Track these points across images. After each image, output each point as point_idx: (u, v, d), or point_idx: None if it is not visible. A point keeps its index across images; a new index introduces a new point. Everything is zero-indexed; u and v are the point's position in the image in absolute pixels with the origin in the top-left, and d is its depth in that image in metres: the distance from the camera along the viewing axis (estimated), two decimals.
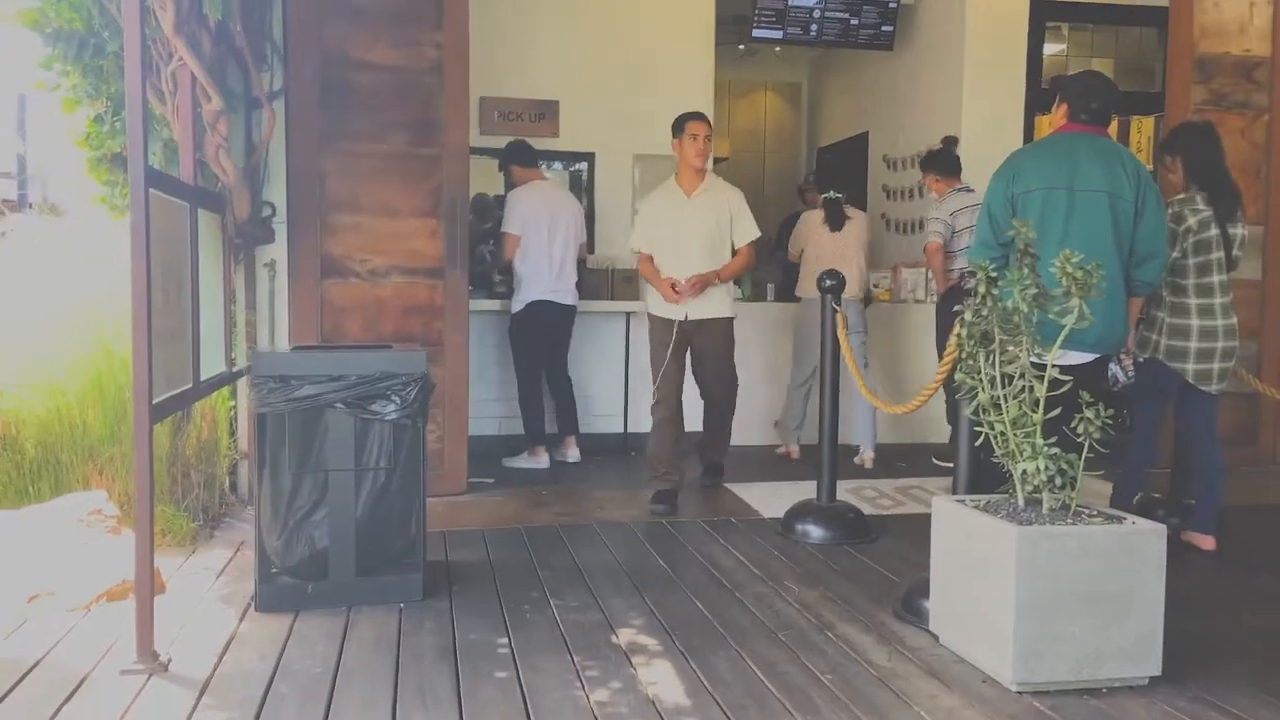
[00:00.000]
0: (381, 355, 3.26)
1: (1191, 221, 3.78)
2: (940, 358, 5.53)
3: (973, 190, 5.47)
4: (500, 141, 6.12)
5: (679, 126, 4.57)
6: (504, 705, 2.46)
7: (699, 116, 4.58)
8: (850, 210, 5.70)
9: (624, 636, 2.95)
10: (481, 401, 5.61)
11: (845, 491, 4.64)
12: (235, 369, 4.08)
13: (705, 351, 4.70)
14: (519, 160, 5.53)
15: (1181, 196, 3.91)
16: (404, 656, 2.76)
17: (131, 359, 2.70)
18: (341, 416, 3.12)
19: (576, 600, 3.28)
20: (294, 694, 2.53)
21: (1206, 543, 3.91)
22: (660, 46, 6.26)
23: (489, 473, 5.12)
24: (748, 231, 4.66)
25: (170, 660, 2.70)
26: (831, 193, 5.66)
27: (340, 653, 2.79)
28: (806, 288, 5.70)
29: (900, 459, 5.77)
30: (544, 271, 5.37)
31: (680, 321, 4.58)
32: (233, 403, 4.37)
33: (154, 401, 2.74)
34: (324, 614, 3.08)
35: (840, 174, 5.89)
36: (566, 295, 5.46)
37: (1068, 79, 3.57)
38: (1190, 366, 3.78)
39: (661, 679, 2.64)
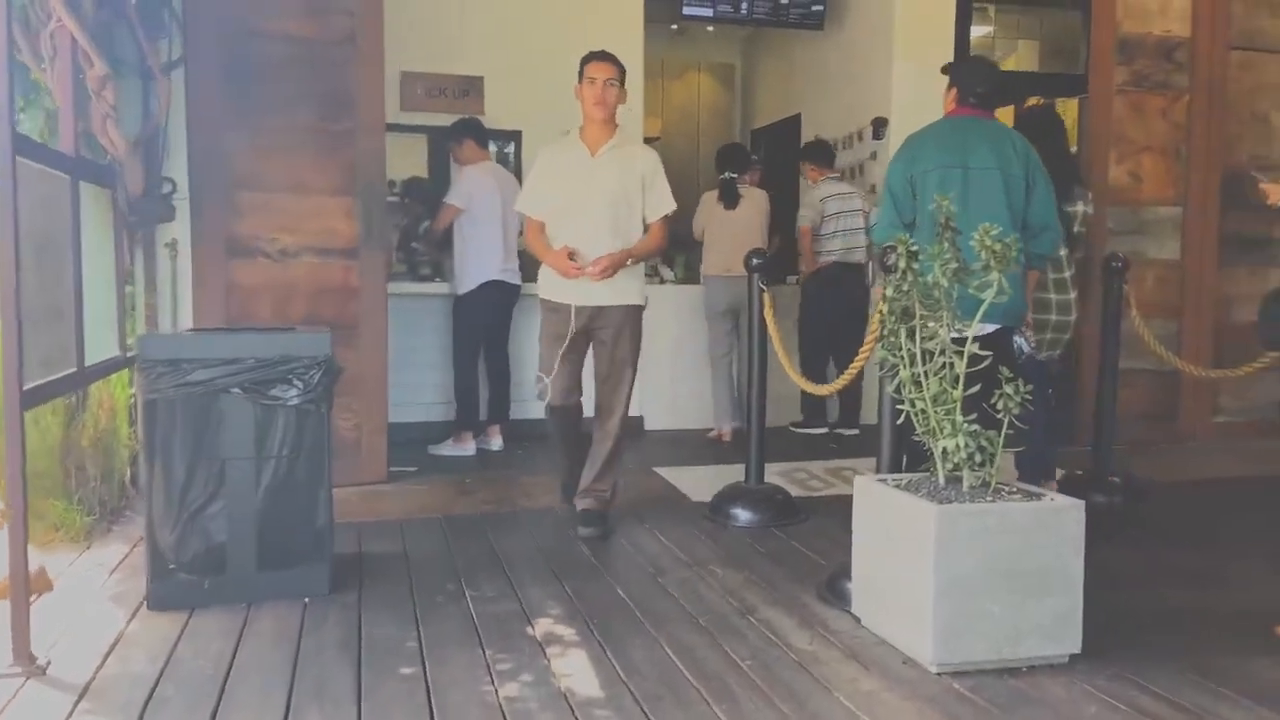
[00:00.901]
0: (282, 337, 3.09)
1: None
2: (800, 337, 5.75)
3: (842, 180, 6.04)
4: (423, 119, 5.95)
5: (580, 69, 3.80)
6: (406, 703, 2.33)
7: (601, 56, 3.76)
8: (745, 189, 5.79)
9: (540, 627, 2.84)
10: (409, 387, 5.45)
11: (775, 474, 4.59)
12: (131, 354, 3.86)
13: (604, 348, 3.81)
14: (476, 136, 5.38)
15: None
16: (304, 654, 2.62)
17: (1, 344, 2.50)
18: (239, 402, 2.95)
19: (494, 591, 3.15)
20: (180, 696, 2.37)
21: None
22: (588, 22, 6.10)
23: (415, 461, 4.96)
24: (663, 203, 3.82)
25: (49, 663, 2.52)
26: (728, 173, 5.76)
27: (235, 651, 2.63)
28: (708, 266, 5.83)
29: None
30: (497, 252, 5.25)
31: (577, 308, 3.74)
32: (133, 391, 4.14)
33: (26, 387, 2.55)
34: (222, 611, 2.91)
35: (739, 155, 6.02)
36: (515, 275, 5.36)
37: (957, 65, 3.78)
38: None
39: (576, 670, 2.53)
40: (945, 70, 3.72)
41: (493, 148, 5.84)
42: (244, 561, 2.98)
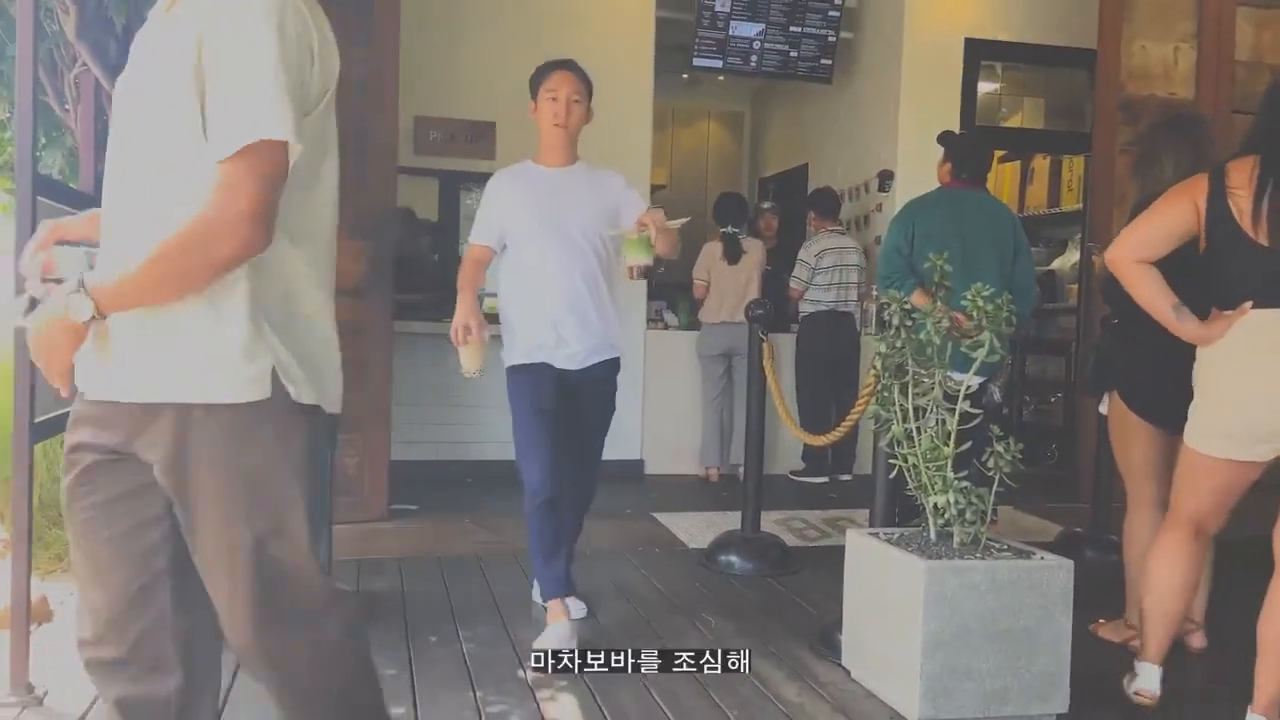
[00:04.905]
0: None
1: None
2: (798, 384, 5.99)
3: (845, 234, 6.30)
4: (437, 163, 6.05)
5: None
6: None
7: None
8: (746, 243, 6.10)
9: (531, 671, 2.86)
10: (413, 425, 5.49)
11: (772, 522, 4.61)
12: None
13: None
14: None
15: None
16: None
17: (14, 374, 2.57)
18: None
19: (487, 633, 3.18)
20: None
21: None
22: (599, 70, 6.17)
23: (414, 499, 4.99)
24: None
25: (46, 693, 2.56)
26: (730, 228, 6.06)
27: (230, 687, 2.65)
28: (707, 313, 6.11)
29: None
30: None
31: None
32: None
33: (37, 419, 2.61)
34: None
35: (739, 207, 6.33)
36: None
37: (953, 139, 4.12)
38: None
39: (565, 715, 2.56)
40: (941, 141, 4.06)
41: None
42: None
